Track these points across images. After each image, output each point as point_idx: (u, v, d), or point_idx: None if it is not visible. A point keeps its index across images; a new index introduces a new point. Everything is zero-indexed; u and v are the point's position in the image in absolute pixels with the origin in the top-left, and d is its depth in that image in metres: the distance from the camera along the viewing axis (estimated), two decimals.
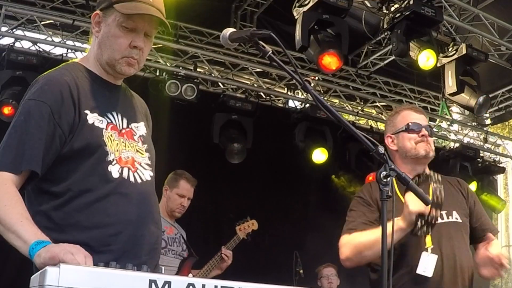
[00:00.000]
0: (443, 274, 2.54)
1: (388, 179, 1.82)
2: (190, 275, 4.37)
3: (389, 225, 2.40)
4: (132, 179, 1.94)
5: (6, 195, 1.70)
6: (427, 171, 2.77)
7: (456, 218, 2.69)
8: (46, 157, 1.80)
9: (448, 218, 2.67)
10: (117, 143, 1.94)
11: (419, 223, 2.40)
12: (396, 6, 5.31)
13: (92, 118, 1.91)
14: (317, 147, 6.90)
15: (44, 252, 1.50)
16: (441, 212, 2.58)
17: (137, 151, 2.02)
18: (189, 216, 4.56)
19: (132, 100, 2.18)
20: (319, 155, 6.93)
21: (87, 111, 1.91)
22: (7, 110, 5.38)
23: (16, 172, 1.75)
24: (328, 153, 6.95)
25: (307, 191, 7.29)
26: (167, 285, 1.21)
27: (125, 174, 1.92)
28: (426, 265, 2.52)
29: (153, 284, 1.20)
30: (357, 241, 2.55)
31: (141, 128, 2.11)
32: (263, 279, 1.41)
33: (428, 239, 2.55)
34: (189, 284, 1.23)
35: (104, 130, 1.92)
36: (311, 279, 5.98)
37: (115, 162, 1.90)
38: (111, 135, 1.93)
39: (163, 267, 1.31)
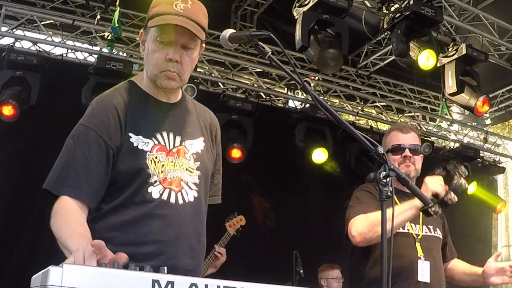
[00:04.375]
0: (432, 281, 2.79)
1: (388, 179, 1.82)
2: None
3: (399, 207, 2.59)
4: (173, 200, 1.96)
5: (64, 216, 1.80)
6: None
7: (439, 235, 2.99)
8: (92, 182, 1.87)
9: (434, 232, 2.95)
10: (163, 164, 1.97)
11: (434, 203, 2.50)
12: (396, 6, 5.31)
13: (137, 141, 1.95)
14: (317, 147, 6.90)
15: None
16: (429, 226, 2.92)
17: (187, 169, 2.04)
18: None
19: (191, 116, 2.19)
20: (319, 155, 6.93)
21: (132, 134, 1.95)
22: (7, 110, 5.38)
23: (56, 192, 1.85)
24: (328, 153, 6.94)
25: (307, 191, 7.28)
26: (170, 285, 1.21)
27: (165, 196, 1.95)
28: (423, 271, 2.75)
29: (156, 284, 1.20)
30: (372, 217, 2.64)
31: (196, 145, 2.12)
32: (263, 279, 1.42)
33: (419, 248, 2.79)
34: (192, 284, 1.23)
35: (148, 153, 1.96)
36: (311, 279, 5.97)
37: (157, 183, 1.94)
38: (155, 157, 1.96)
39: (165, 267, 1.31)
